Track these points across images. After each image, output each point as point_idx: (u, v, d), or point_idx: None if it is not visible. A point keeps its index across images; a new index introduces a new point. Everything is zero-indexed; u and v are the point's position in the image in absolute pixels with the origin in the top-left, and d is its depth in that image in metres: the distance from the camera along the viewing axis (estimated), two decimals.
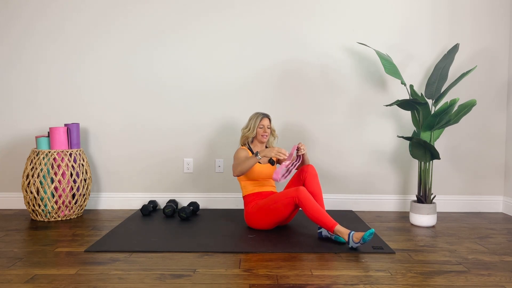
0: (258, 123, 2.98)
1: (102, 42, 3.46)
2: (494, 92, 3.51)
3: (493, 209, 3.55)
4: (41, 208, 3.09)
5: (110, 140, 3.50)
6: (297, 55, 3.47)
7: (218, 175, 3.53)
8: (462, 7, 3.46)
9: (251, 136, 2.99)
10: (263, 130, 2.98)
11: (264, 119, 2.99)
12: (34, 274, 2.07)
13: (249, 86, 3.48)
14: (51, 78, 3.47)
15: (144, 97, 3.48)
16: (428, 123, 2.99)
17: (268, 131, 3.00)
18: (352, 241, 2.43)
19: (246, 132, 3.00)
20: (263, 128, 2.98)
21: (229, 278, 2.03)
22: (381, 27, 3.47)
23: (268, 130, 3.00)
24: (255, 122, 2.98)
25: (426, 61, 3.48)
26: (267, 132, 2.99)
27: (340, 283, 1.98)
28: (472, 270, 2.18)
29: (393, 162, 3.54)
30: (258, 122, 2.98)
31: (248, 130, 2.99)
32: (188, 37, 3.46)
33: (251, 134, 2.98)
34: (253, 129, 2.98)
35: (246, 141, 3.03)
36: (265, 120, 2.99)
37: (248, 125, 3.00)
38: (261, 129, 2.98)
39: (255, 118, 2.99)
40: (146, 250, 2.41)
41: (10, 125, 3.48)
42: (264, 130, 2.98)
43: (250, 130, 2.98)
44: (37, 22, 3.43)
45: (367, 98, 3.50)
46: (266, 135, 2.98)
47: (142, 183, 3.53)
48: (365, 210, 3.53)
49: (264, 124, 2.98)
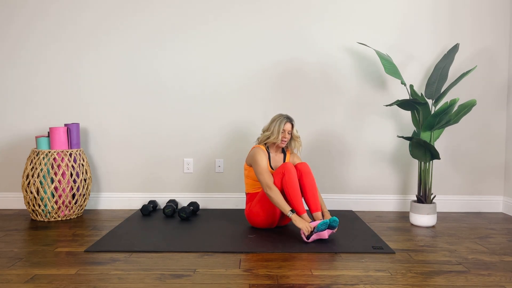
0: (282, 127, 2.82)
1: (102, 43, 3.46)
2: (494, 92, 3.51)
3: (493, 209, 3.55)
4: (41, 208, 3.09)
5: (110, 140, 3.50)
6: (297, 55, 3.47)
7: (218, 175, 3.53)
8: (462, 7, 3.46)
9: (276, 142, 2.82)
10: (284, 135, 2.83)
11: (288, 124, 2.84)
12: (34, 274, 2.07)
13: (249, 86, 3.48)
14: (51, 78, 3.47)
15: (144, 97, 3.49)
16: (428, 123, 2.99)
17: (289, 137, 2.85)
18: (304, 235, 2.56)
19: (269, 136, 2.84)
20: (283, 133, 2.83)
21: (229, 278, 2.03)
22: (381, 27, 3.47)
23: (289, 136, 2.85)
24: (279, 126, 2.82)
25: (426, 61, 3.48)
26: (287, 138, 2.84)
27: (340, 283, 1.98)
28: (472, 270, 2.18)
29: (393, 162, 3.54)
30: (282, 127, 2.82)
31: (270, 133, 2.84)
32: (188, 37, 3.46)
33: (274, 139, 2.81)
34: (277, 134, 2.81)
35: (264, 142, 2.90)
36: (288, 125, 2.84)
37: (270, 128, 2.84)
38: (282, 133, 2.82)
39: (279, 122, 2.83)
40: (146, 250, 2.41)
41: (10, 125, 3.48)
42: (284, 136, 2.83)
43: (273, 134, 2.83)
44: (37, 22, 3.43)
45: (367, 98, 3.50)
46: (285, 141, 2.84)
47: (142, 183, 3.53)
48: (365, 210, 3.53)
49: (286, 129, 2.83)
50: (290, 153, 3.00)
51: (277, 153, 2.95)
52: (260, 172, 2.74)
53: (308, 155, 3.50)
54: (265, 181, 2.70)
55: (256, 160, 2.79)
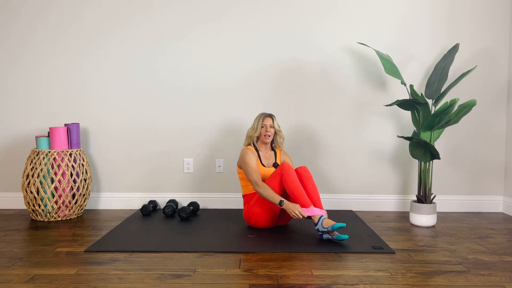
0: (261, 123, 2.97)
1: (103, 43, 3.45)
2: (494, 92, 3.51)
3: (493, 209, 3.54)
4: (41, 208, 3.09)
5: (110, 140, 3.50)
6: (297, 55, 3.47)
7: (218, 175, 3.53)
8: (462, 7, 3.46)
9: (255, 135, 2.98)
10: (265, 129, 2.96)
11: (267, 118, 2.98)
12: (34, 274, 2.07)
13: (249, 86, 3.48)
14: (52, 78, 3.47)
15: (144, 97, 3.48)
16: (428, 123, 2.99)
17: (271, 130, 2.97)
18: (320, 225, 2.56)
19: (250, 132, 3.00)
20: (265, 128, 2.96)
21: (229, 278, 2.03)
22: (381, 27, 3.47)
23: (271, 129, 2.98)
24: (258, 121, 2.98)
25: (426, 61, 3.48)
26: (269, 132, 2.96)
27: (340, 283, 1.98)
28: (472, 270, 2.18)
29: (393, 162, 3.54)
30: (261, 122, 2.97)
31: (252, 129, 2.99)
32: (188, 38, 3.46)
33: (254, 133, 2.97)
34: (256, 128, 2.97)
35: (250, 141, 3.02)
36: (267, 119, 2.98)
37: (253, 125, 3.01)
38: (263, 128, 2.96)
39: (259, 118, 2.99)
40: (146, 250, 2.41)
41: (10, 125, 3.48)
42: (266, 130, 2.96)
43: (253, 129, 2.98)
44: (38, 22, 3.43)
45: (367, 98, 3.50)
46: (268, 135, 2.96)
47: (142, 183, 3.53)
48: (365, 210, 3.53)
49: (266, 124, 2.96)
50: (280, 150, 3.08)
51: (267, 150, 3.04)
52: (249, 172, 2.83)
53: (307, 155, 3.50)
54: (253, 179, 2.79)
55: (245, 160, 2.87)
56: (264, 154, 3.01)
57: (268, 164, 2.98)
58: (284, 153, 3.09)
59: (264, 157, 3.00)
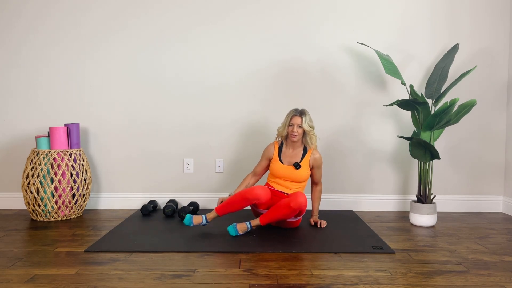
0: (289, 121, 2.78)
1: (102, 43, 3.45)
2: (494, 92, 3.51)
3: (493, 209, 3.54)
4: (41, 208, 3.09)
5: (110, 140, 3.50)
6: (297, 55, 3.47)
7: (218, 175, 3.53)
8: (462, 7, 3.46)
9: (283, 134, 2.85)
10: (292, 129, 2.77)
11: (295, 117, 2.77)
12: (34, 274, 2.07)
13: (248, 86, 3.48)
14: (52, 78, 3.47)
15: (144, 97, 3.48)
16: (428, 123, 2.99)
17: (299, 130, 2.77)
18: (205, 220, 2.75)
19: (279, 129, 2.89)
20: (292, 127, 2.77)
21: (229, 278, 2.03)
22: (381, 27, 3.47)
23: (299, 129, 2.77)
24: (287, 119, 2.80)
25: (426, 61, 3.48)
26: (296, 132, 2.77)
27: (340, 283, 1.98)
28: (472, 270, 2.18)
29: (393, 162, 3.54)
30: (289, 120, 2.78)
31: (281, 126, 2.86)
32: (189, 38, 3.45)
33: (282, 131, 2.84)
34: (283, 127, 2.82)
35: (279, 136, 2.92)
36: (295, 118, 2.77)
37: (283, 122, 2.86)
38: (290, 127, 2.78)
39: (288, 115, 2.81)
40: (146, 250, 2.41)
41: (10, 125, 3.48)
42: (292, 129, 2.77)
43: (283, 126, 2.83)
44: (38, 22, 3.43)
45: (367, 98, 3.50)
46: (294, 135, 2.77)
47: (142, 183, 3.53)
48: (365, 210, 3.53)
49: (294, 123, 2.77)
50: (312, 150, 2.89)
51: (295, 149, 2.90)
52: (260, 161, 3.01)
53: None
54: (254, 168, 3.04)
55: (263, 152, 3.02)
56: (289, 152, 2.88)
57: (289, 162, 2.86)
58: (314, 158, 2.87)
59: (285, 154, 2.88)
